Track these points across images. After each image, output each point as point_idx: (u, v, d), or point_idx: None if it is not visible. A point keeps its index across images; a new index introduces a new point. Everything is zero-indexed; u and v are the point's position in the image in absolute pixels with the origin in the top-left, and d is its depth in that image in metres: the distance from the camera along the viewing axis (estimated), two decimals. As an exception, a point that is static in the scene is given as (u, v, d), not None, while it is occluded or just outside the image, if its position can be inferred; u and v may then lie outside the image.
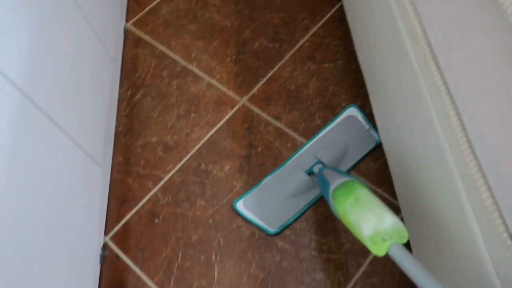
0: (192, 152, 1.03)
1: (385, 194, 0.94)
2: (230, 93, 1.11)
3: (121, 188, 1.00)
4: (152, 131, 1.07)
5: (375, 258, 0.88)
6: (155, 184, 0.99)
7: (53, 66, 0.76)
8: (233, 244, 0.91)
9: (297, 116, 1.06)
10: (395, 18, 0.77)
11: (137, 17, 1.27)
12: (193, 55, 1.18)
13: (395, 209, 0.91)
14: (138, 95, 1.12)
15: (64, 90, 0.80)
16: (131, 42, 1.22)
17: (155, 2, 1.29)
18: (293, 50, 1.16)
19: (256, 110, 1.08)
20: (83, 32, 0.92)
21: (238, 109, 1.08)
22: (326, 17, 1.21)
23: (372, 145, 0.99)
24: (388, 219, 0.57)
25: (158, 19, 1.26)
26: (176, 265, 0.90)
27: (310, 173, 0.96)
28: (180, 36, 1.22)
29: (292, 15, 1.22)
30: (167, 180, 1.00)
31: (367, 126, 1.01)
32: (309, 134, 1.03)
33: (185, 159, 1.02)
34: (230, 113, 1.08)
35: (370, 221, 0.57)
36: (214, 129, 1.06)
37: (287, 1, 1.25)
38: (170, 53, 1.19)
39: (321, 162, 0.96)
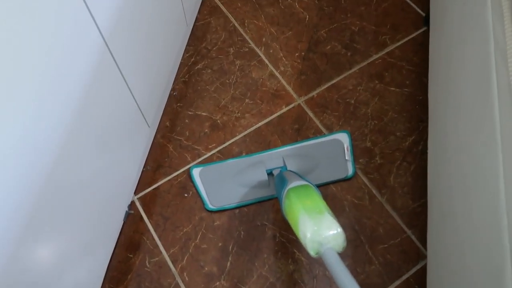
0: (237, 137, 0.98)
1: (413, 237, 0.88)
2: (289, 89, 1.04)
3: (160, 153, 0.96)
4: (204, 105, 1.02)
5: (385, 297, 0.84)
6: (193, 158, 0.96)
7: (134, 23, 0.71)
8: (253, 240, 0.88)
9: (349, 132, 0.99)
10: (490, 70, 0.68)
11: (220, -16, 1.19)
12: (263, 39, 1.11)
13: (420, 255, 0.86)
14: (200, 65, 1.07)
15: (138, 46, 0.76)
16: (206, 8, 1.15)
17: (241, -26, 1.21)
18: (364, 64, 1.07)
19: (310, 114, 1.01)
20: None
21: (293, 107, 1.02)
22: (407, 38, 1.11)
23: (342, 176, 0.93)
24: (334, 228, 0.59)
25: (239, -8, 1.18)
26: (193, 244, 0.87)
27: (270, 173, 0.91)
28: (256, 16, 1.14)
29: (373, 26, 1.13)
30: (206, 158, 0.96)
31: (347, 157, 0.94)
32: (356, 155, 0.96)
33: (229, 142, 0.98)
34: (284, 109, 1.02)
35: (318, 225, 0.60)
36: (264, 121, 1.00)
37: (372, 10, 1.15)
38: (241, 31, 1.12)
39: (285, 169, 0.91)
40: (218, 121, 1.00)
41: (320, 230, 0.59)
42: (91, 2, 0.55)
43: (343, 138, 0.97)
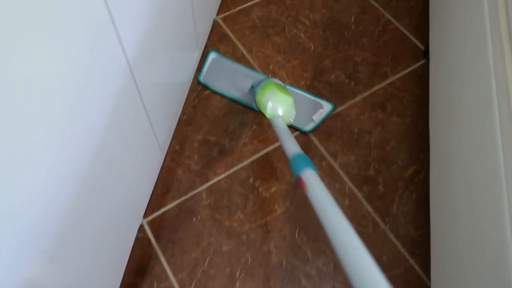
0: (245, 163, 0.98)
1: (416, 266, 0.88)
2: (296, 116, 1.05)
3: (170, 176, 0.96)
4: (213, 130, 1.02)
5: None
6: (202, 183, 0.95)
7: (155, 48, 0.71)
8: (259, 266, 0.87)
9: (353, 160, 0.99)
10: (491, 102, 0.70)
11: (228, 13, 1.21)
12: (270, 67, 1.12)
13: (422, 286, 0.86)
14: (209, 91, 1.07)
15: (157, 70, 0.76)
16: (216, 35, 1.16)
17: (250, 3, 1.23)
18: (367, 93, 1.09)
19: (315, 141, 1.02)
20: (184, 15, 0.86)
21: (299, 135, 1.03)
22: (407, 70, 1.13)
23: (301, 127, 1.03)
24: (289, 103, 0.84)
25: (247, 21, 1.19)
26: (201, 270, 0.86)
27: (252, 87, 1.01)
28: (263, 44, 1.15)
29: (375, 57, 1.15)
30: (214, 183, 0.95)
31: (315, 119, 1.03)
32: (360, 183, 0.97)
33: (237, 167, 0.97)
34: (290, 136, 1.02)
35: (276, 101, 0.84)
36: (271, 147, 1.00)
37: (374, 42, 1.17)
38: (249, 58, 1.13)
39: None
40: (226, 146, 1.00)
41: (278, 103, 0.83)
42: (121, 31, 0.55)
43: (326, 106, 1.05)
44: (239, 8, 1.22)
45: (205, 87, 1.07)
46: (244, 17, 1.20)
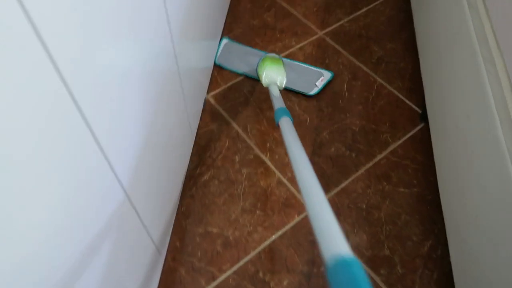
0: (251, 255, 0.91)
1: None
2: (299, 197, 0.99)
3: (172, 278, 0.88)
4: (214, 220, 0.95)
5: None
6: (208, 282, 0.87)
7: (145, 147, 0.66)
8: None
9: (365, 240, 0.94)
10: (505, 165, 0.66)
11: (219, 90, 1.18)
12: (268, 145, 1.08)
13: None
14: (206, 176, 1.02)
15: (145, 167, 0.70)
16: (208, 115, 1.13)
17: (239, 78, 1.20)
18: (369, 165, 1.05)
19: (324, 222, 0.96)
20: (177, 102, 0.82)
21: (305, 216, 0.97)
22: (407, 136, 1.10)
23: (305, 91, 1.18)
24: (280, 71, 1.04)
25: (239, 97, 1.16)
26: None
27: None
28: (257, 120, 1.12)
29: (373, 125, 1.12)
30: (222, 281, 0.88)
31: (318, 84, 1.18)
32: (376, 265, 0.90)
33: (244, 261, 0.90)
34: (297, 219, 0.96)
35: (268, 72, 1.03)
36: (278, 234, 0.94)
37: (369, 109, 1.15)
38: (245, 137, 1.09)
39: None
40: (230, 237, 0.93)
41: (272, 72, 1.03)
42: (108, 150, 0.50)
43: (326, 74, 1.20)
44: (229, 84, 1.19)
45: (220, 67, 1.23)
46: (235, 93, 1.17)
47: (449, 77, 0.94)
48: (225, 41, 1.27)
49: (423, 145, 1.08)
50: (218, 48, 1.25)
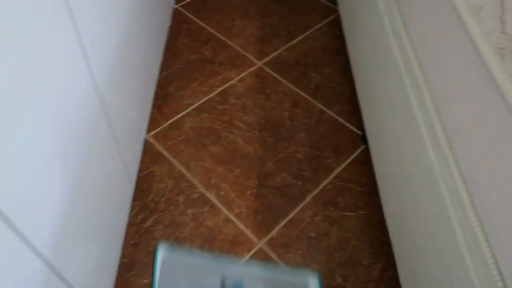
0: (201, 301, 0.87)
1: None
2: (248, 232, 0.97)
3: None
4: (160, 268, 0.90)
5: None
6: (156, 338, 0.82)
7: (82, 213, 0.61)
8: None
9: (317, 271, 0.92)
10: (443, 197, 0.67)
11: (159, 129, 1.15)
12: (212, 181, 1.05)
13: None
14: (150, 221, 0.97)
15: (75, 227, 0.65)
16: (149, 157, 1.09)
17: (180, 115, 1.18)
18: (316, 191, 1.05)
19: (274, 257, 0.94)
20: (108, 151, 0.78)
21: (255, 253, 0.94)
22: (350, 159, 1.12)
23: None
24: None
25: (180, 135, 1.14)
26: None
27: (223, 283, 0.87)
28: (201, 157, 1.09)
29: (316, 150, 1.13)
30: (171, 335, 0.82)
31: None
32: (329, 295, 0.89)
33: (193, 309, 0.86)
34: (246, 256, 0.94)
35: None
36: None
37: (311, 135, 1.16)
38: (188, 176, 1.06)
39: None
40: (178, 285, 0.89)
41: None
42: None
43: (312, 282, 0.90)
44: (169, 121, 1.17)
45: None
46: (176, 131, 1.15)
47: (382, 101, 0.97)
48: (161, 253, 0.90)
49: (366, 166, 1.10)
50: (155, 269, 0.89)
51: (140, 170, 1.05)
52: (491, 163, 0.56)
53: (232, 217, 0.99)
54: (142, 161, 1.07)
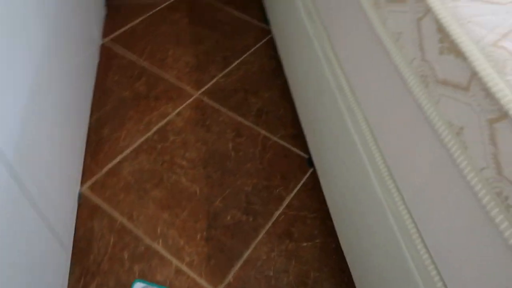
0: None
1: None
2: (202, 281, 0.91)
3: None
4: (108, 338, 0.82)
5: None
6: None
7: None
8: None
9: (278, 312, 0.88)
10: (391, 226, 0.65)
11: (95, 178, 1.06)
12: (158, 230, 0.98)
13: None
14: (93, 286, 0.88)
15: None
16: (85, 212, 1.00)
17: (117, 159, 1.10)
18: (268, 225, 1.01)
19: (232, 304, 0.88)
20: (25, 217, 0.69)
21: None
22: (299, 185, 1.09)
23: None
24: None
25: (118, 182, 1.06)
26: None
27: None
28: (143, 204, 1.02)
29: (264, 180, 1.09)
30: None
31: None
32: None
33: None
34: (203, 309, 0.87)
35: None
36: (184, 333, 0.84)
37: (258, 165, 1.12)
38: (132, 227, 0.98)
39: None
40: None
41: None
42: None
43: None
44: (105, 169, 1.08)
45: None
46: (114, 178, 1.07)
47: (322, 123, 0.95)
48: None
49: (316, 191, 1.07)
50: None
51: (77, 229, 0.96)
52: (427, 188, 0.54)
53: (183, 267, 0.92)
54: (79, 217, 0.98)
